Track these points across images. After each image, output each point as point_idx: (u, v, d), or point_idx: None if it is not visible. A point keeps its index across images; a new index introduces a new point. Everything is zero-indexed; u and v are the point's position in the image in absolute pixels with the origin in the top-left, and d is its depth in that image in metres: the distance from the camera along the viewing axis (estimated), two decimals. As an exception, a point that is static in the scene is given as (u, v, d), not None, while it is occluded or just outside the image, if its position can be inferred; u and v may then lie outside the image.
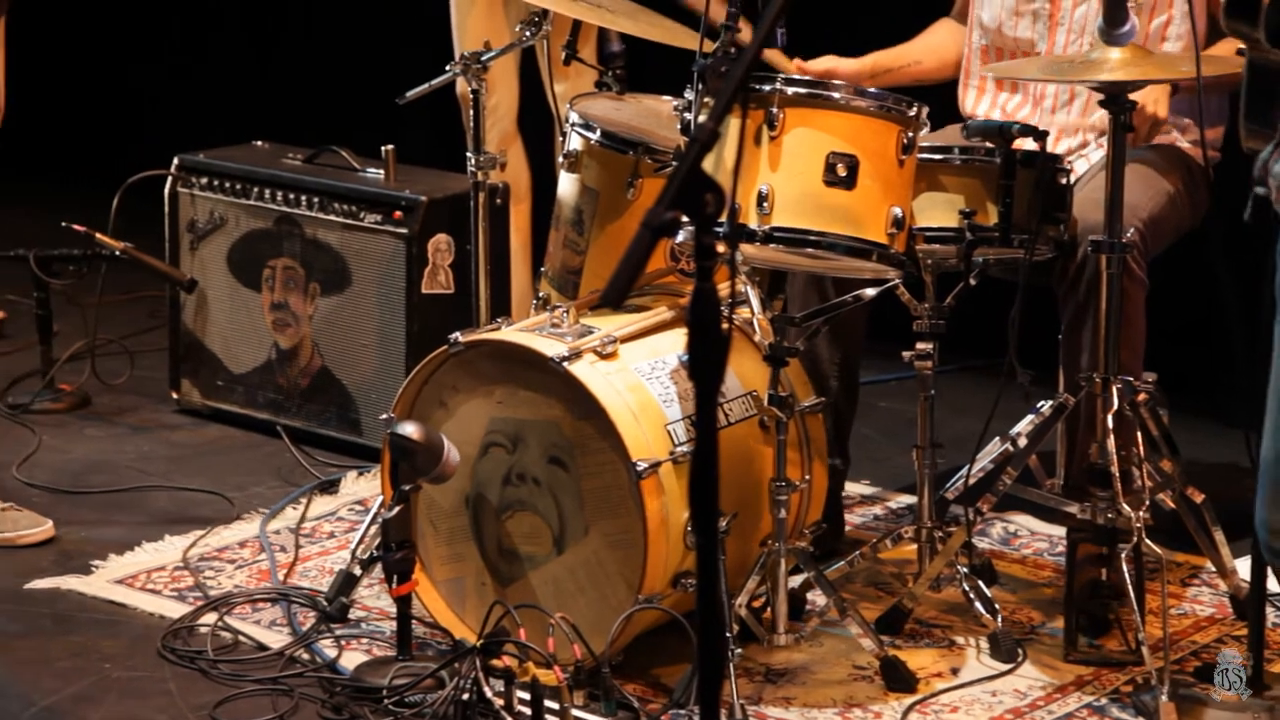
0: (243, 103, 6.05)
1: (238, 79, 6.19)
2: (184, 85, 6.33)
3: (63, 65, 6.64)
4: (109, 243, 4.33)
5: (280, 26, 6.12)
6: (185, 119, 5.99)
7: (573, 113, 3.42)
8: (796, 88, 2.97)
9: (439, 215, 4.04)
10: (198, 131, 4.88)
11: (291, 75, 6.09)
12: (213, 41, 6.28)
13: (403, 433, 3.01)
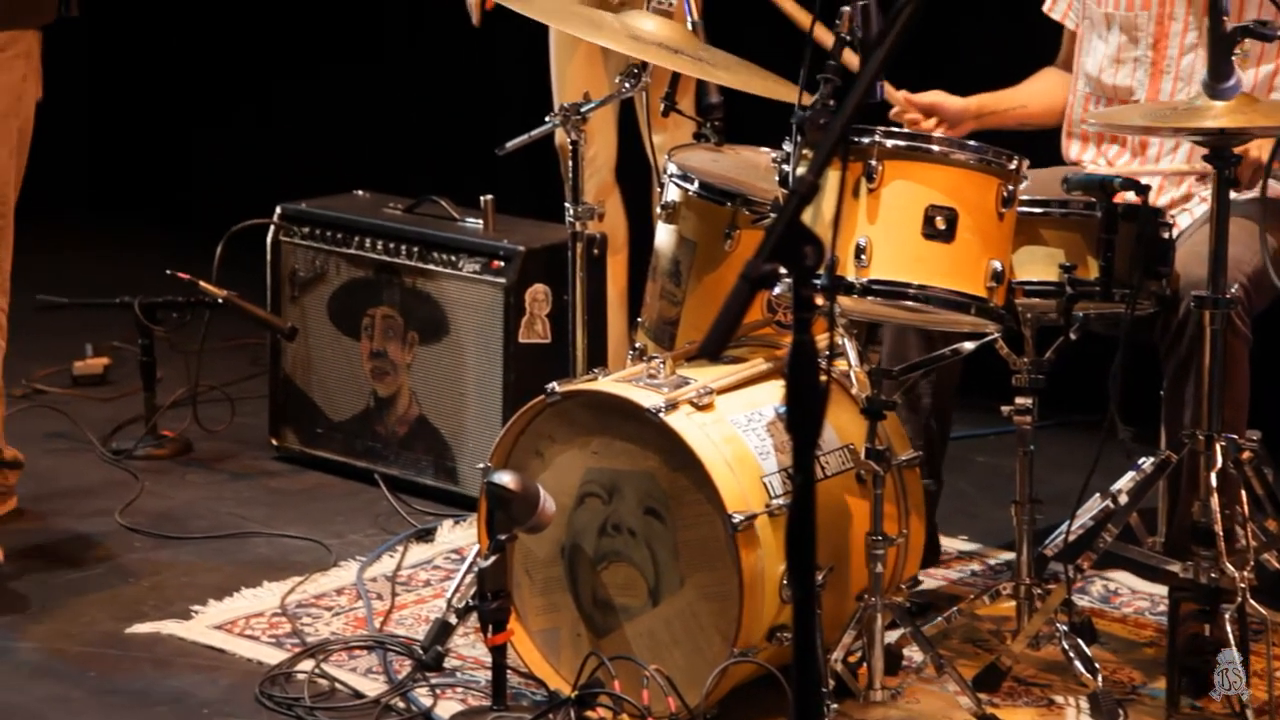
0: (344, 152, 6.12)
1: (340, 129, 6.26)
2: (287, 135, 6.41)
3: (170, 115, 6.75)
4: (212, 290, 4.38)
5: (382, 78, 6.18)
6: (288, 168, 6.07)
7: (671, 164, 3.43)
8: (895, 140, 2.96)
9: (537, 265, 4.06)
10: (300, 181, 4.94)
11: (393, 125, 6.16)
12: (315, 92, 6.36)
13: (499, 482, 3.01)
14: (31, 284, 5.11)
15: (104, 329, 5.04)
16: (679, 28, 3.47)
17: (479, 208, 4.19)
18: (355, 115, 6.25)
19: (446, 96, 6.04)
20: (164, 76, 6.80)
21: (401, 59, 6.12)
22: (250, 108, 6.55)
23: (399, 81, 6.15)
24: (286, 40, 6.43)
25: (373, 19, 6.17)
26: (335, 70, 6.29)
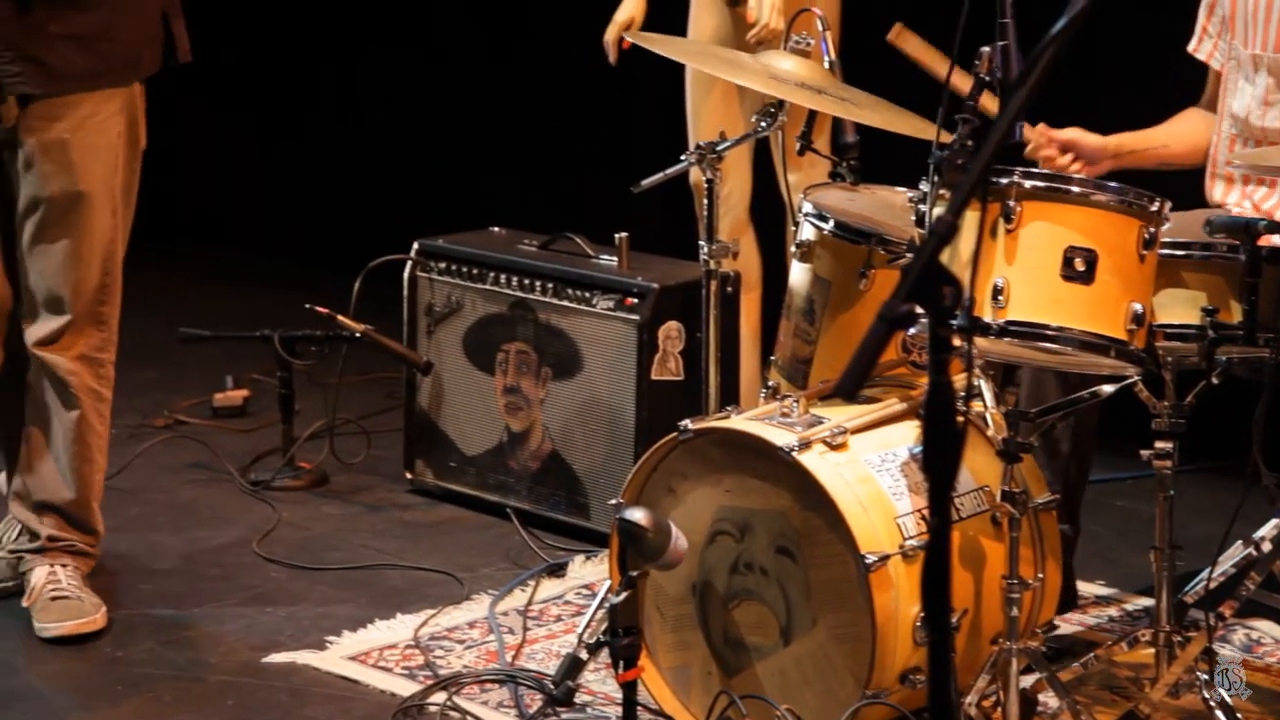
0: (481, 189, 6.17)
1: (476, 166, 6.32)
2: (424, 171, 6.48)
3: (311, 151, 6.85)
4: (350, 325, 4.44)
5: (517, 116, 6.23)
6: (426, 205, 6.13)
7: (806, 203, 3.43)
8: (1034, 181, 2.93)
9: (670, 302, 4.07)
10: (437, 217, 4.99)
11: (529, 162, 6.20)
12: (453, 129, 6.42)
13: (631, 518, 3.02)
14: (175, 317, 5.22)
15: (244, 362, 5.12)
16: (816, 66, 3.47)
17: (613, 245, 4.21)
18: (491, 152, 6.30)
19: (582, 134, 6.08)
20: (305, 113, 6.91)
21: (538, 96, 6.17)
22: (388, 144, 6.63)
23: (535, 119, 6.20)
24: (425, 77, 6.51)
25: (510, 57, 6.23)
26: (472, 107, 6.35)
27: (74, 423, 3.60)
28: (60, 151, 3.47)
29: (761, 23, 4.11)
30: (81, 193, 3.50)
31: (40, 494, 3.65)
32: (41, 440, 3.63)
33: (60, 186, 3.49)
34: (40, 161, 3.47)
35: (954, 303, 1.91)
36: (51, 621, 3.56)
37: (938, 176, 2.95)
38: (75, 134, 3.48)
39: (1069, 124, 3.53)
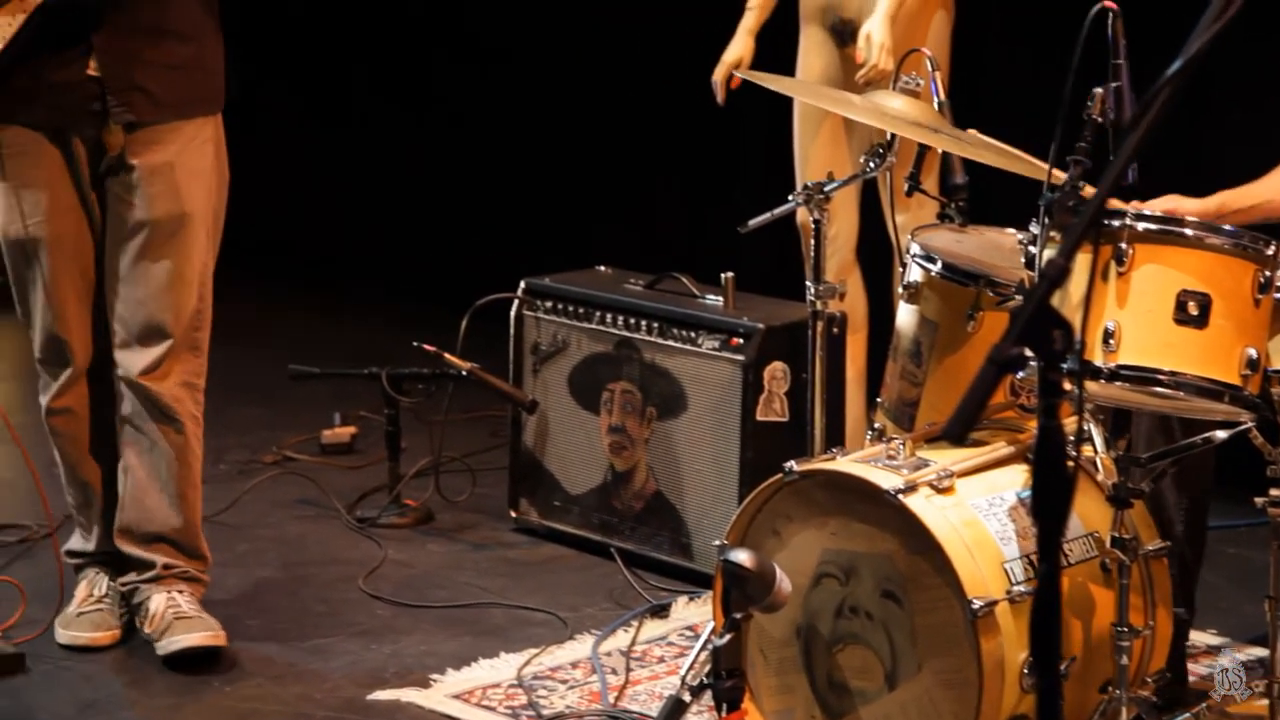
0: (588, 228, 6.20)
1: (584, 205, 6.34)
2: (531, 209, 6.52)
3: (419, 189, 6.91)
4: (456, 363, 4.46)
5: (624, 155, 6.26)
6: (533, 243, 6.16)
7: (914, 244, 3.41)
8: (1147, 224, 2.90)
9: (776, 343, 4.06)
10: (544, 255, 5.01)
11: (636, 201, 6.22)
12: (560, 167, 6.46)
13: (735, 560, 3.00)
14: (284, 354, 5.27)
15: (352, 399, 5.16)
16: (926, 107, 3.46)
17: (719, 284, 4.21)
18: (599, 191, 6.33)
19: (690, 174, 6.09)
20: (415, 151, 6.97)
21: (646, 136, 6.19)
22: (497, 182, 6.68)
23: (643, 158, 6.22)
24: (532, 118, 6.55)
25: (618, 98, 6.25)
26: (580, 146, 6.39)
27: (180, 449, 3.64)
28: (167, 174, 3.52)
29: (870, 63, 4.10)
30: (186, 214, 3.55)
31: (149, 526, 3.69)
32: (145, 472, 3.66)
33: (166, 209, 3.53)
34: (147, 184, 3.52)
35: (1064, 346, 1.89)
36: (180, 634, 3.58)
37: (1048, 218, 2.92)
38: (179, 157, 3.53)
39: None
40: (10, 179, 3.51)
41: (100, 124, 3.49)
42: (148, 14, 3.46)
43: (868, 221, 4.47)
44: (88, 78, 3.46)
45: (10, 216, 3.54)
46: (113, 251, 3.56)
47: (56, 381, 3.64)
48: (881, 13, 4.13)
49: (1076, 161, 2.89)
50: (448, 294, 4.98)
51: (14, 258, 3.58)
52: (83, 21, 3.42)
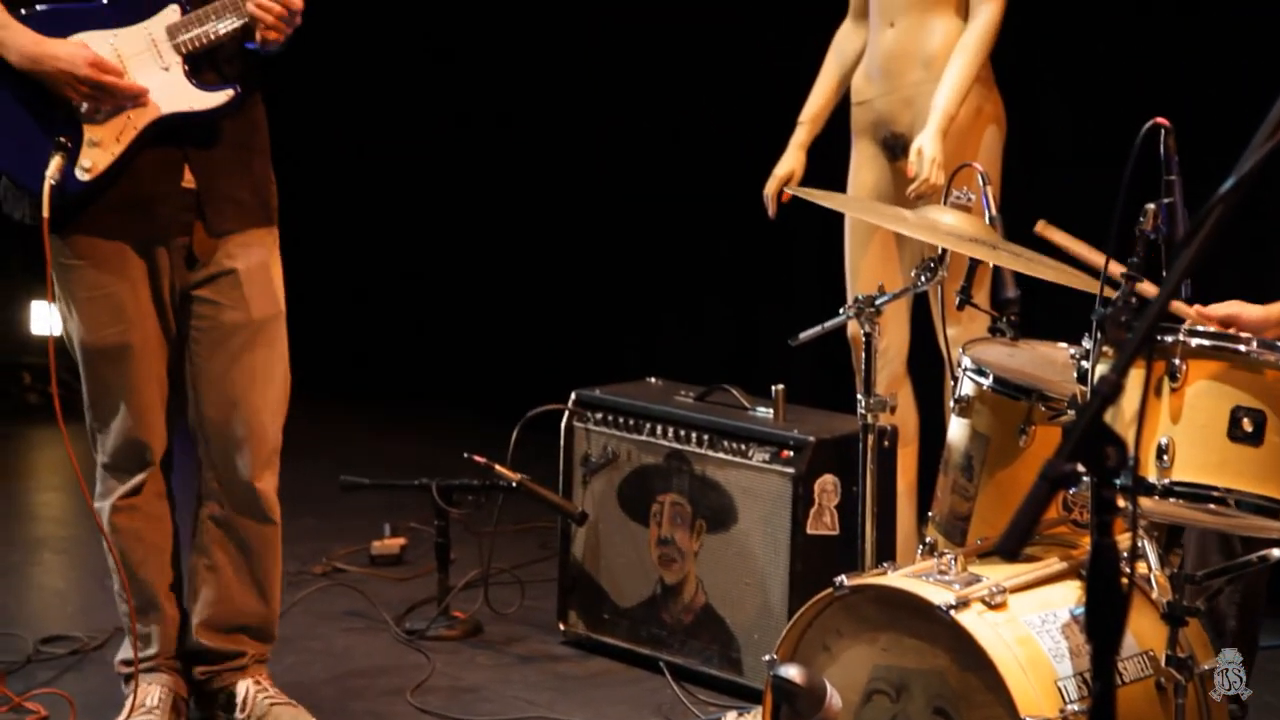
0: (640, 339, 6.21)
1: (635, 316, 6.36)
2: (583, 320, 6.54)
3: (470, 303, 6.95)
4: (506, 474, 4.46)
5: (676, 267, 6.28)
6: (584, 354, 6.18)
7: (965, 357, 3.40)
8: (1200, 340, 2.89)
9: (826, 456, 4.05)
10: (595, 366, 5.03)
11: (686, 314, 6.24)
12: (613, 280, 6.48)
13: (785, 675, 2.98)
14: (336, 465, 5.29)
15: (402, 509, 5.16)
16: (978, 221, 3.46)
17: (770, 397, 4.21)
18: (651, 303, 6.35)
19: (741, 286, 6.11)
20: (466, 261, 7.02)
21: (696, 248, 6.22)
22: (547, 294, 6.71)
23: (693, 270, 6.25)
24: (582, 230, 6.59)
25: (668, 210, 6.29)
26: (631, 258, 6.42)
27: (271, 543, 3.76)
28: (262, 275, 3.66)
29: (922, 177, 4.11)
30: (279, 314, 3.70)
31: (235, 619, 3.77)
32: (233, 569, 3.75)
33: (263, 310, 3.66)
34: (246, 286, 3.64)
35: (1118, 463, 1.88)
36: None
37: (1101, 333, 2.91)
38: (270, 258, 3.69)
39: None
40: (93, 288, 3.59)
41: (191, 232, 3.60)
42: (233, 130, 3.60)
43: (919, 335, 4.47)
44: (183, 189, 3.57)
45: (92, 324, 3.60)
46: (205, 355, 3.65)
47: (126, 484, 3.68)
48: (933, 127, 4.16)
49: (1129, 277, 2.89)
50: (499, 405, 5.00)
51: (94, 364, 3.63)
52: (179, 137, 3.55)
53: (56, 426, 3.36)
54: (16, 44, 3.45)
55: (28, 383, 6.95)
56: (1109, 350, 2.92)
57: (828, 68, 4.58)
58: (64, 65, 3.43)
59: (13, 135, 3.49)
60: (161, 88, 3.50)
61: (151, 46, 3.50)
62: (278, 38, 3.50)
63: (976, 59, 4.23)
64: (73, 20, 3.49)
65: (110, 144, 3.49)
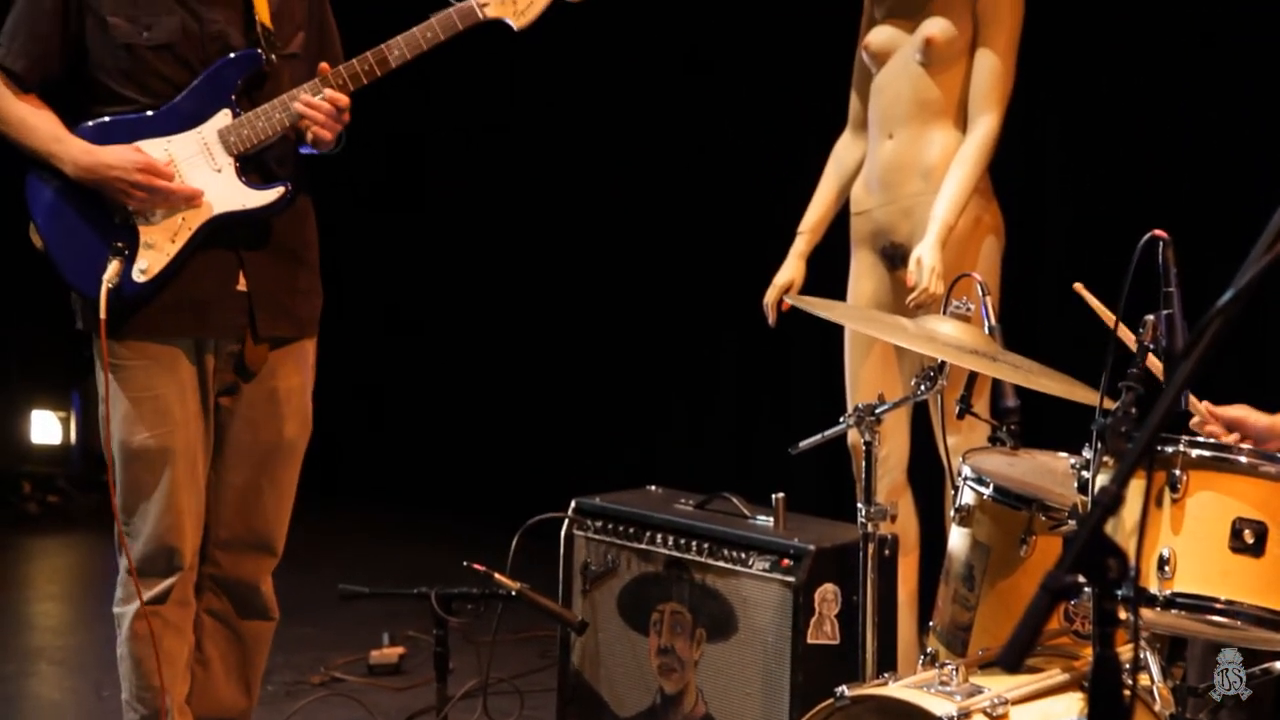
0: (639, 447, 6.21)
1: (635, 424, 6.37)
2: (583, 429, 6.54)
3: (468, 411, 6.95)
4: (506, 583, 4.43)
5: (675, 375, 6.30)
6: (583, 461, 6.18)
7: (965, 466, 3.40)
8: (1200, 450, 2.89)
9: (827, 565, 4.03)
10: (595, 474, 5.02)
11: (686, 422, 6.24)
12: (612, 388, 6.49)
13: (787, 788, 2.96)
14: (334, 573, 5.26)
15: (401, 618, 5.14)
16: (977, 331, 3.47)
17: (770, 505, 4.20)
18: (649, 410, 6.36)
19: (741, 394, 6.11)
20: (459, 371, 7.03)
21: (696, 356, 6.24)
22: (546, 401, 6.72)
23: (693, 378, 6.26)
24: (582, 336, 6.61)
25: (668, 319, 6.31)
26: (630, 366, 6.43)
27: (262, 638, 3.80)
28: (300, 395, 3.74)
29: (921, 287, 4.13)
30: (308, 432, 3.78)
31: (219, 713, 3.78)
32: (222, 664, 3.76)
33: (294, 431, 3.74)
34: (284, 404, 3.70)
35: (1119, 574, 1.88)
36: None
37: (1101, 444, 2.91)
38: (308, 376, 3.76)
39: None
40: (141, 389, 3.62)
41: (242, 338, 3.64)
42: (289, 238, 3.68)
43: (919, 443, 4.47)
44: (237, 293, 3.63)
45: (134, 426, 3.61)
46: (230, 463, 3.70)
47: (153, 589, 3.67)
48: (932, 237, 4.18)
49: (1128, 388, 2.89)
50: (498, 513, 4.99)
51: (133, 466, 3.64)
52: (234, 239, 3.61)
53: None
54: (70, 155, 3.54)
55: (27, 492, 6.93)
56: (1109, 460, 2.92)
57: (827, 178, 4.61)
58: (116, 171, 3.51)
59: (72, 245, 3.57)
60: (214, 189, 3.57)
61: (204, 149, 3.58)
62: (328, 135, 3.58)
63: (975, 170, 4.27)
64: (127, 129, 3.57)
65: (165, 245, 3.55)
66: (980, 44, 4.33)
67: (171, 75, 3.57)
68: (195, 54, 3.58)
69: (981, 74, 4.32)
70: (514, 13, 3.62)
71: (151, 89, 3.57)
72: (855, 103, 4.59)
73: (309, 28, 3.70)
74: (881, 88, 4.45)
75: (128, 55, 3.55)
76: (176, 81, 3.57)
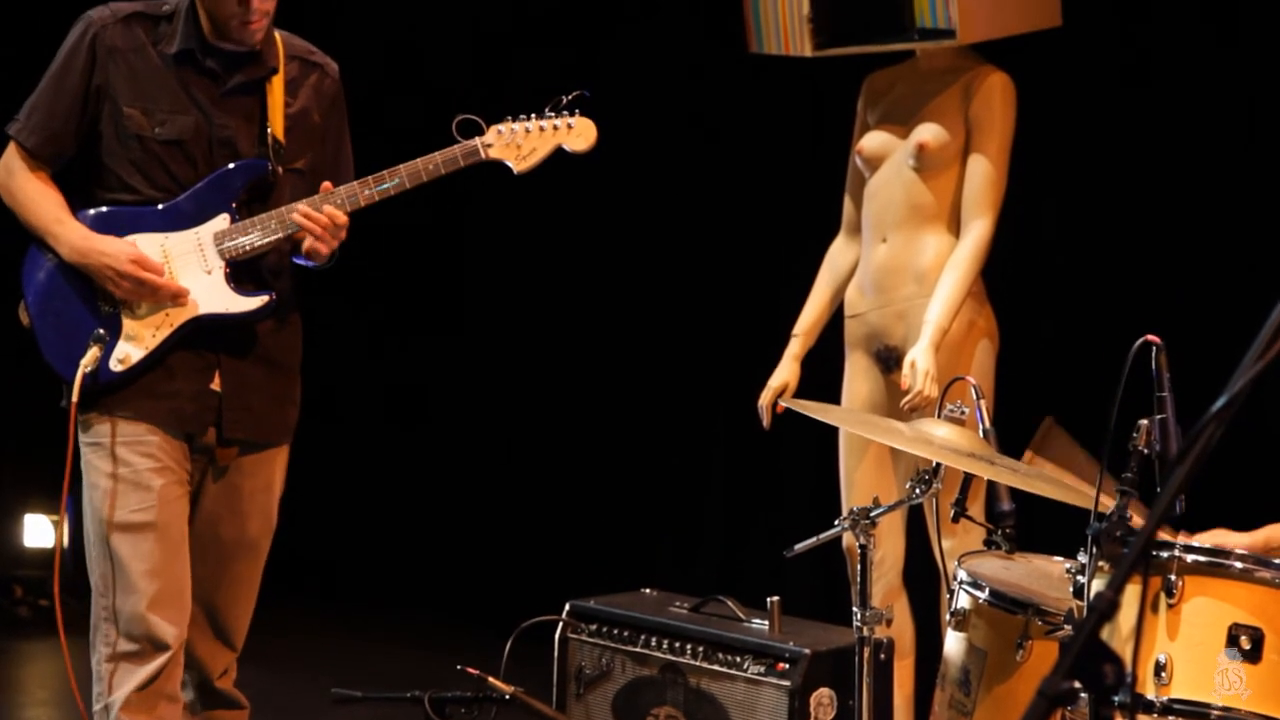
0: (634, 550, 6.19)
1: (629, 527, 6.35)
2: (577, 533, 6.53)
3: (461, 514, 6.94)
4: (500, 686, 4.42)
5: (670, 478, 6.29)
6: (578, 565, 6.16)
7: (961, 570, 3.39)
8: (1196, 556, 2.89)
9: (822, 668, 4.02)
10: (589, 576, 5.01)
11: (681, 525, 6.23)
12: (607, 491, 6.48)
13: None
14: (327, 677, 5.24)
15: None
16: (971, 434, 3.48)
17: (765, 608, 4.19)
18: (644, 513, 6.34)
19: (735, 496, 6.11)
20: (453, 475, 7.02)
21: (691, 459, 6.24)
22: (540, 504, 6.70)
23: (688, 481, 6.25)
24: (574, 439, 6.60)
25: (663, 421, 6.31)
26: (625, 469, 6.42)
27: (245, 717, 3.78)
28: (265, 494, 3.74)
29: (915, 389, 4.14)
30: (268, 533, 3.77)
31: None
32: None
33: (256, 530, 3.74)
34: (247, 503, 3.71)
35: (1116, 680, 1.87)
36: None
37: (1096, 548, 2.91)
38: (276, 477, 3.76)
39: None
40: (120, 464, 3.63)
41: (213, 436, 3.67)
42: (272, 346, 3.71)
43: (914, 546, 4.46)
44: (210, 391, 3.65)
45: (115, 502, 3.61)
46: (195, 558, 3.68)
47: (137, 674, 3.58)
48: (926, 340, 4.20)
49: (1123, 492, 2.90)
50: (492, 616, 4.97)
51: (115, 542, 3.61)
52: (215, 342, 3.65)
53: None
54: (68, 238, 3.61)
55: (19, 596, 6.90)
56: (1105, 565, 2.92)
57: (821, 281, 4.64)
58: (108, 259, 3.57)
59: (58, 325, 3.62)
60: (202, 289, 3.62)
61: (198, 250, 3.63)
62: (324, 250, 3.63)
63: (968, 274, 4.29)
64: (128, 221, 3.63)
65: (146, 338, 3.60)
66: (973, 149, 4.37)
67: (178, 172, 3.64)
68: (203, 155, 3.64)
69: (974, 179, 4.36)
70: (516, 156, 3.71)
71: (157, 182, 3.63)
72: (849, 206, 4.62)
73: (322, 149, 3.77)
74: (875, 192, 4.49)
75: (139, 146, 3.62)
76: (182, 179, 3.63)
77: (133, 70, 3.63)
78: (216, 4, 3.59)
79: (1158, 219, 5.09)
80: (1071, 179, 5.22)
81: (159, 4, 3.69)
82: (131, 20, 3.66)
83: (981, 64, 4.43)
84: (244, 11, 3.58)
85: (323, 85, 3.77)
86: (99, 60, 3.63)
